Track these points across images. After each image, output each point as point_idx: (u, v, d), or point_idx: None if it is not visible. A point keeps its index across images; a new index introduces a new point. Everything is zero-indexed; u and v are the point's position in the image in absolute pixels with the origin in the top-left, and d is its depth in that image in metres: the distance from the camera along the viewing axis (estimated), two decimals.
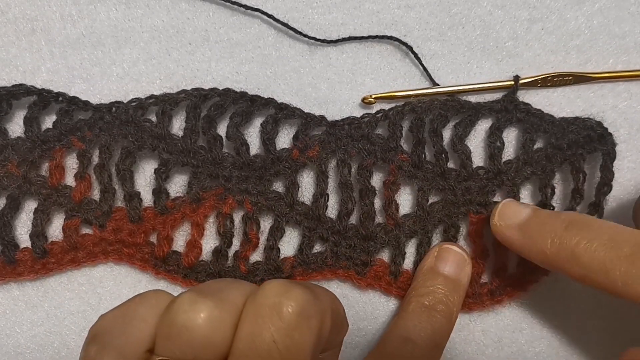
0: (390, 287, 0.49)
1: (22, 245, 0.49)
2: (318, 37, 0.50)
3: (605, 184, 0.48)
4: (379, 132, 0.49)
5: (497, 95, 0.50)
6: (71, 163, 0.49)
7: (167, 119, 0.48)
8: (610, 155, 0.48)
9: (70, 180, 0.49)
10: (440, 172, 0.49)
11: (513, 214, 0.45)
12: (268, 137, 0.49)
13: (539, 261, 0.43)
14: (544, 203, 0.49)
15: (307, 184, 0.50)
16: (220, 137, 0.49)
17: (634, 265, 0.38)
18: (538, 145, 0.49)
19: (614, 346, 0.51)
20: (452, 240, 0.49)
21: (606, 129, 0.48)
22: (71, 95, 0.49)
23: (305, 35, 0.50)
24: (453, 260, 0.47)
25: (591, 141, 0.48)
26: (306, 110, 0.49)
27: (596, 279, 0.40)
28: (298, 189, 0.49)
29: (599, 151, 0.48)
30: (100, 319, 0.33)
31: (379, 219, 0.50)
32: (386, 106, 0.50)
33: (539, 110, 0.49)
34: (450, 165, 0.49)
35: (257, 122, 0.50)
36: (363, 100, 0.50)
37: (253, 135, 0.50)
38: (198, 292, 0.32)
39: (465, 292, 0.48)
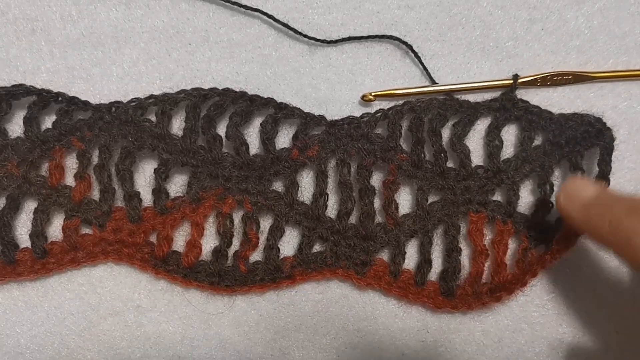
0: (390, 287, 0.49)
1: (22, 245, 0.49)
2: (318, 38, 0.50)
3: (603, 178, 0.48)
4: (378, 132, 0.49)
5: (497, 95, 0.50)
6: (71, 163, 0.49)
7: (167, 118, 0.49)
8: (607, 148, 0.48)
9: (70, 180, 0.49)
10: (439, 172, 0.49)
11: (578, 192, 0.45)
12: (268, 137, 0.49)
13: (596, 241, 0.44)
14: (543, 200, 0.49)
15: (306, 183, 0.50)
16: (220, 137, 0.49)
17: None
18: (537, 142, 0.50)
19: (614, 346, 0.50)
20: (452, 239, 0.49)
21: (605, 124, 0.48)
22: (71, 95, 0.49)
23: (305, 36, 0.50)
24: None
25: (589, 137, 0.48)
26: (306, 110, 0.49)
27: None
28: (298, 189, 0.49)
29: (596, 147, 0.48)
30: None
31: (378, 218, 0.50)
32: (386, 104, 0.50)
33: (537, 107, 0.49)
34: (450, 164, 0.49)
35: (257, 122, 0.50)
36: (362, 97, 0.50)
37: (253, 135, 0.50)
38: None
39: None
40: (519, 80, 0.50)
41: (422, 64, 0.50)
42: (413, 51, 0.50)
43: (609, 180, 0.48)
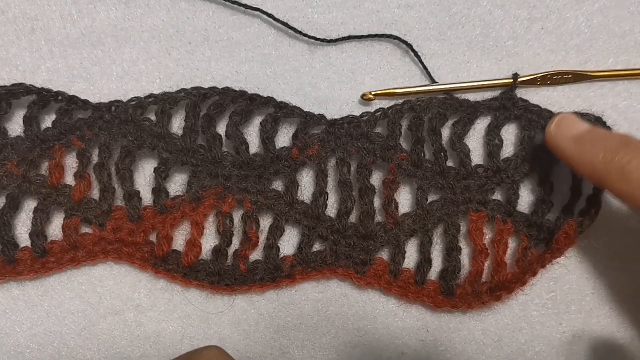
0: (390, 286, 0.49)
1: (22, 245, 0.49)
2: (318, 37, 0.50)
3: None
4: (378, 131, 0.49)
5: (497, 94, 0.50)
6: (71, 162, 0.49)
7: (167, 118, 0.49)
8: None
9: (69, 179, 0.49)
10: (439, 171, 0.49)
11: (570, 125, 0.45)
12: (267, 136, 0.49)
13: (586, 174, 0.43)
14: (543, 199, 0.49)
15: (306, 182, 0.50)
16: (220, 136, 0.49)
17: None
18: (537, 141, 0.49)
19: (614, 346, 0.50)
20: (452, 238, 0.49)
21: (605, 123, 0.48)
22: (71, 94, 0.49)
23: (305, 35, 0.50)
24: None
25: None
26: (306, 109, 0.49)
27: None
28: (297, 188, 0.49)
29: None
30: None
31: (378, 217, 0.50)
32: (385, 103, 0.50)
33: (537, 106, 0.49)
34: (450, 163, 0.49)
35: (257, 121, 0.50)
36: (362, 96, 0.50)
37: (252, 134, 0.50)
38: None
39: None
40: (519, 79, 0.50)
41: (422, 63, 0.50)
42: (413, 50, 0.50)
43: None
